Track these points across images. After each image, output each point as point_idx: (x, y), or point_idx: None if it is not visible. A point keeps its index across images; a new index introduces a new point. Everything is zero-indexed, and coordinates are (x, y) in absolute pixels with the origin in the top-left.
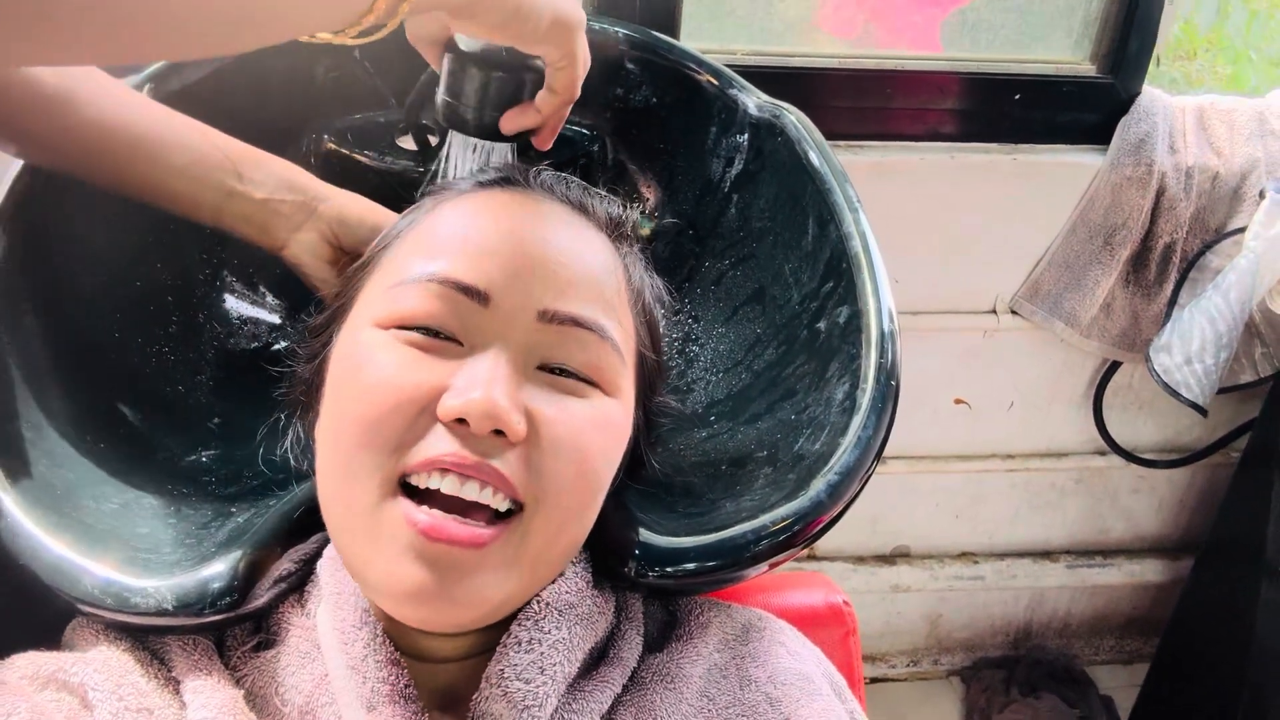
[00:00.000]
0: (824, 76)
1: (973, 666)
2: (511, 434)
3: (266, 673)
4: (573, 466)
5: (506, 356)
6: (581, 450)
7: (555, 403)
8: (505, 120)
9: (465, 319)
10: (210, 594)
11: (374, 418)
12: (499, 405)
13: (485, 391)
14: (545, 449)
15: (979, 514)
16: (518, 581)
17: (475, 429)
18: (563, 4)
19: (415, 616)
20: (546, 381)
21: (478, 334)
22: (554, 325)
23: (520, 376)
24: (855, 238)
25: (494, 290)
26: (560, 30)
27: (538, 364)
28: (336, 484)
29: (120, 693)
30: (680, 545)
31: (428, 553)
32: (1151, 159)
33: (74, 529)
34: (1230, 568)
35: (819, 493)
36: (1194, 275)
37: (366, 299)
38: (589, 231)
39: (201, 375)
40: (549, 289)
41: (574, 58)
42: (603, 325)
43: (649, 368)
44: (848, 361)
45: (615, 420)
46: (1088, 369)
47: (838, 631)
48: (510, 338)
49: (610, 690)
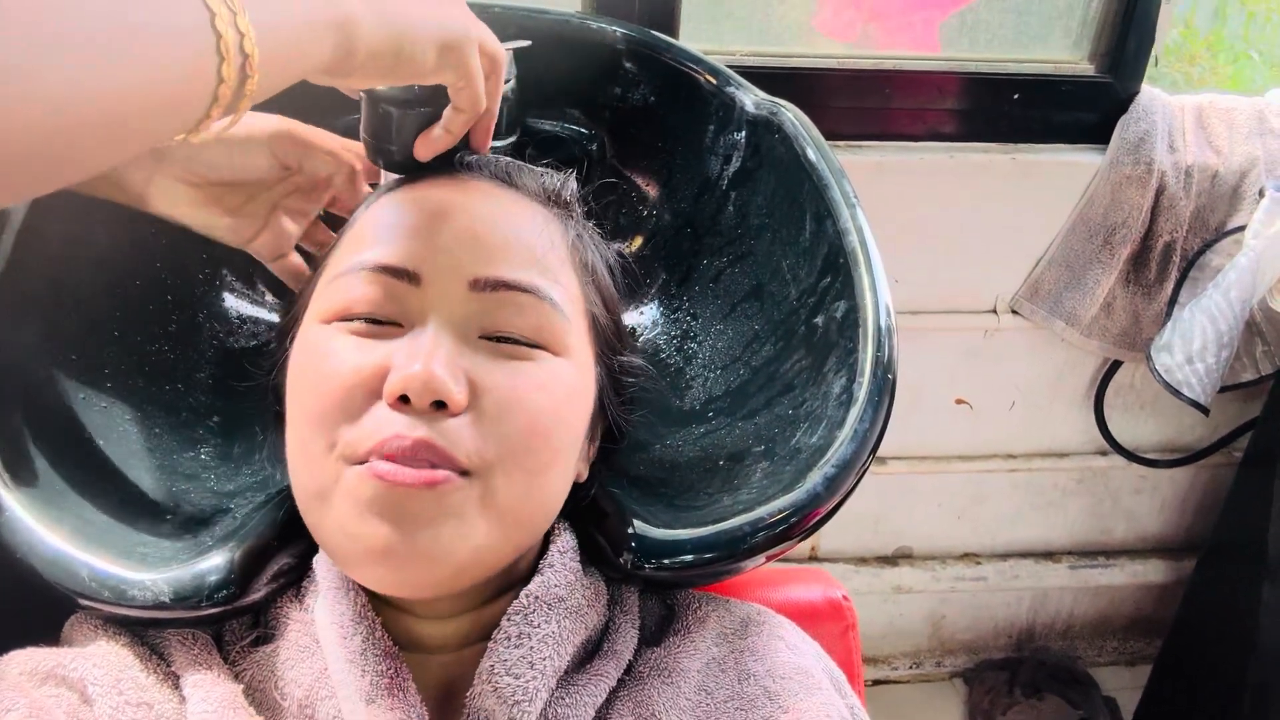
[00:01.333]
0: (823, 77)
1: (975, 668)
2: (451, 404)
3: (265, 667)
4: (521, 428)
5: (445, 330)
6: (529, 411)
7: (499, 368)
8: (418, 148)
9: (400, 301)
10: (207, 587)
11: (325, 405)
12: (436, 376)
13: (424, 364)
14: (490, 414)
15: (981, 514)
16: (485, 534)
17: (416, 403)
18: (447, 26)
19: (388, 579)
20: (490, 349)
21: (414, 313)
22: (487, 293)
23: (461, 347)
24: (852, 233)
25: (422, 268)
26: (449, 55)
27: (479, 333)
28: (300, 470)
29: (120, 687)
30: (677, 537)
31: (387, 505)
32: (1151, 158)
33: (72, 523)
34: (1233, 568)
35: (816, 485)
36: (1194, 274)
37: (313, 299)
38: (519, 202)
39: (201, 373)
40: (477, 258)
41: (471, 76)
42: (538, 285)
43: (604, 327)
44: (845, 356)
45: (564, 379)
46: (1089, 368)
47: (837, 626)
48: (446, 311)
49: (604, 684)
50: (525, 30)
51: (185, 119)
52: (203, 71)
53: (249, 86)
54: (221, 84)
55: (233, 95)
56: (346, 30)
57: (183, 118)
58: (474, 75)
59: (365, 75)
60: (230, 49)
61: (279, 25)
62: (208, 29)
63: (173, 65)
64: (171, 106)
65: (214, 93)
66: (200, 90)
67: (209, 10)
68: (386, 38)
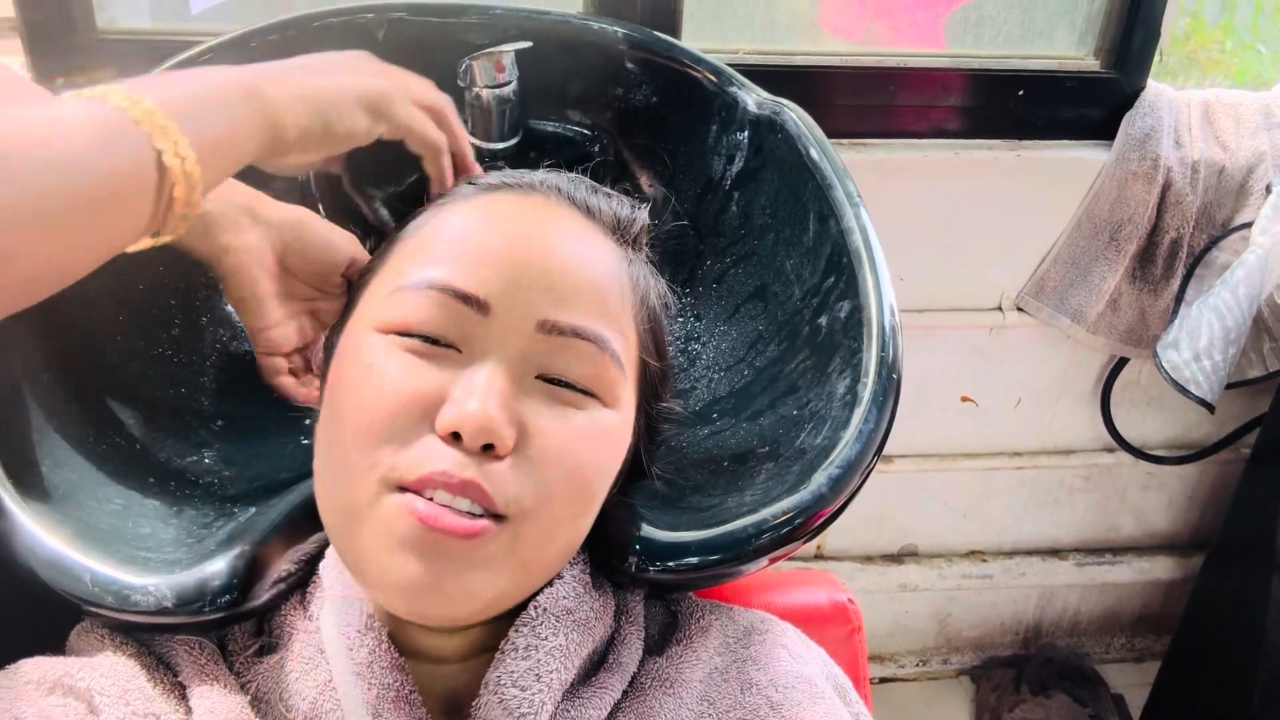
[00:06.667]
0: (827, 74)
1: (982, 666)
2: (501, 447)
3: (271, 678)
4: (563, 477)
5: (504, 367)
6: (573, 461)
7: (550, 414)
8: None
9: (464, 327)
10: (210, 591)
11: (372, 422)
12: (493, 418)
13: (480, 404)
14: (535, 459)
15: (987, 512)
16: (509, 581)
17: (469, 443)
18: (366, 88)
19: (409, 610)
20: (544, 391)
21: (477, 343)
22: (554, 336)
23: (517, 386)
24: (856, 232)
25: (493, 299)
26: (377, 114)
27: (536, 374)
28: (334, 482)
29: (127, 698)
30: (681, 539)
31: (422, 544)
32: (1157, 153)
33: (75, 528)
34: (1241, 564)
35: (820, 486)
36: (1200, 271)
37: (369, 301)
38: (594, 236)
39: (204, 378)
40: (550, 299)
41: (407, 127)
42: (603, 336)
43: (652, 374)
44: (849, 356)
45: (611, 431)
46: (1095, 365)
47: (843, 629)
48: (509, 348)
49: (609, 696)
50: (526, 31)
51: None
52: (148, 201)
53: (194, 196)
54: (172, 203)
55: (181, 206)
56: (270, 118)
57: (128, 240)
58: (410, 124)
59: (303, 152)
60: (177, 176)
61: (214, 136)
62: (152, 168)
63: (126, 208)
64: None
65: (162, 214)
66: (149, 214)
67: (155, 150)
68: (309, 114)
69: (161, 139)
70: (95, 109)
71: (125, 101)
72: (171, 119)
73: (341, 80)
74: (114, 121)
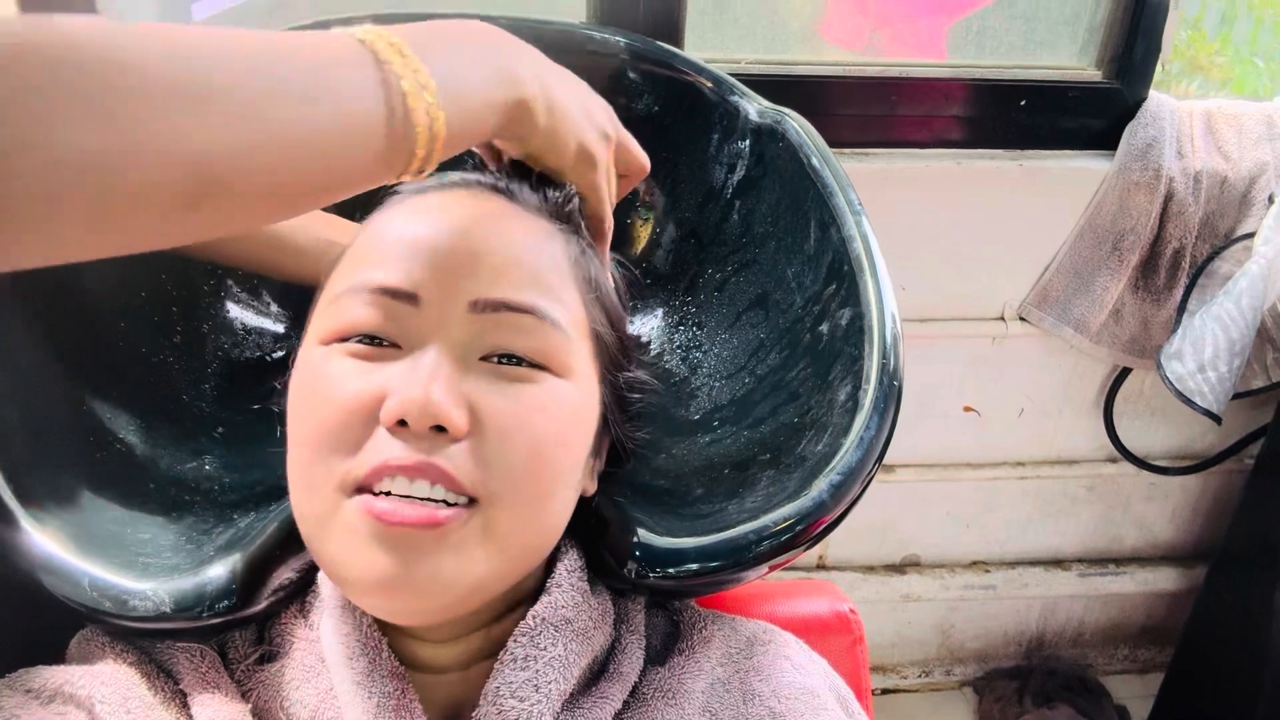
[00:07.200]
0: (829, 84)
1: (985, 677)
2: (452, 428)
3: (271, 686)
4: (523, 454)
5: (444, 352)
6: (532, 435)
7: (500, 392)
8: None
9: (400, 322)
10: (208, 597)
11: (322, 434)
12: (434, 400)
13: (422, 389)
14: (492, 439)
15: (990, 522)
16: (486, 567)
17: (415, 428)
18: (582, 131)
19: (386, 606)
20: (491, 371)
21: (414, 335)
22: (488, 314)
23: (462, 370)
24: (857, 240)
25: (421, 289)
26: (580, 163)
27: (480, 355)
28: (300, 498)
29: (128, 705)
30: (681, 546)
31: (387, 538)
32: (1159, 164)
33: (75, 534)
34: (1245, 575)
35: (821, 493)
36: (1203, 281)
37: (314, 318)
38: (520, 216)
39: (206, 385)
40: (477, 279)
41: (595, 192)
42: (539, 306)
43: (609, 344)
44: (850, 363)
45: (567, 401)
46: (1098, 375)
47: (845, 640)
48: (446, 334)
49: (609, 706)
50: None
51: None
52: (399, 153)
53: (434, 157)
54: (412, 159)
55: (419, 166)
56: (520, 97)
57: (373, 183)
58: (596, 194)
59: (506, 142)
60: (423, 133)
61: (463, 94)
62: (406, 120)
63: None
64: (365, 178)
65: (404, 166)
66: (392, 164)
67: (406, 105)
68: (546, 118)
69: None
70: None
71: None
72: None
73: (579, 114)
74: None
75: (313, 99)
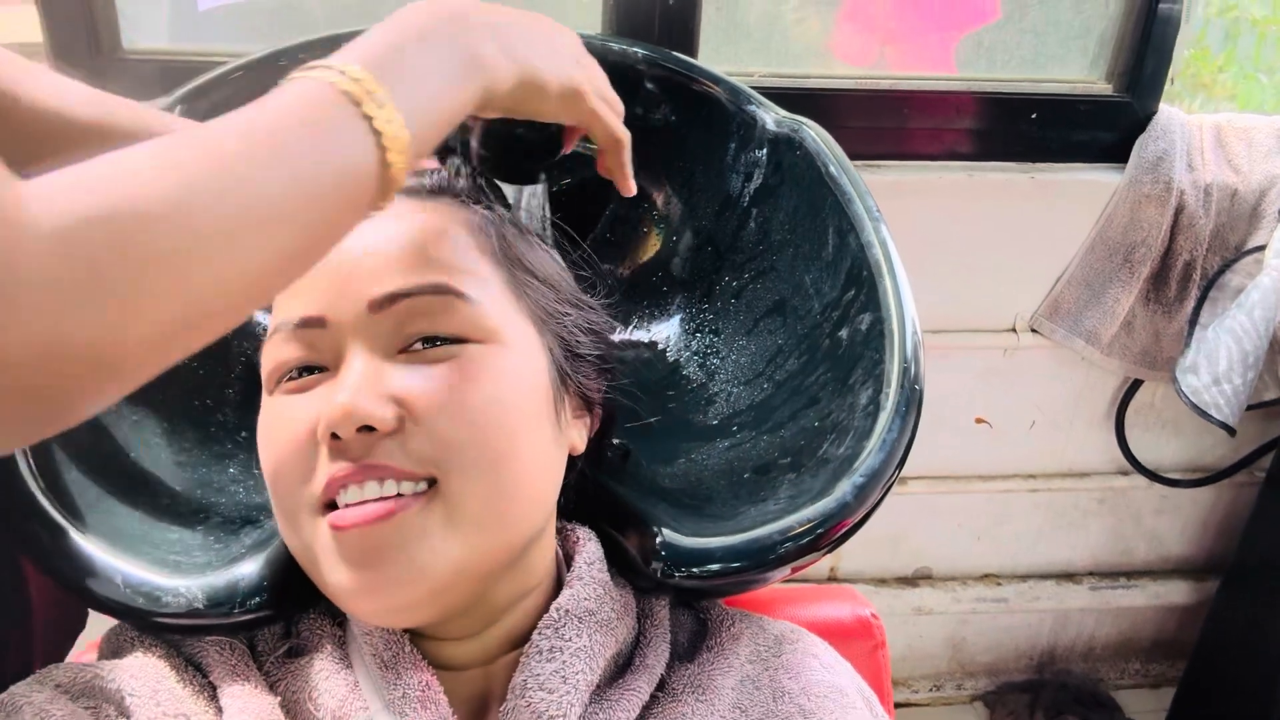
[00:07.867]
0: (840, 97)
1: (996, 690)
2: (379, 424)
3: (300, 679)
4: (461, 423)
5: (363, 358)
6: (463, 404)
7: (423, 374)
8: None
9: (318, 348)
10: (240, 593)
11: (282, 474)
12: (351, 404)
13: (341, 400)
14: (427, 418)
15: (1001, 535)
16: (463, 544)
17: (346, 436)
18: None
19: (374, 609)
20: (412, 359)
21: (332, 354)
22: (387, 309)
23: (382, 369)
24: (876, 246)
25: (325, 310)
26: (568, 105)
27: (399, 348)
28: (286, 532)
29: (157, 698)
30: (706, 545)
31: (351, 544)
32: (1170, 176)
33: (106, 534)
34: (1257, 588)
35: (845, 494)
36: (1214, 293)
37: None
38: (402, 207)
39: (230, 389)
40: (369, 280)
41: (592, 121)
42: (436, 283)
43: (539, 296)
44: (871, 367)
45: (492, 362)
46: (1109, 387)
47: (866, 645)
48: (359, 341)
49: (637, 699)
50: None
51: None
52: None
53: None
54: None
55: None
56: (485, 85)
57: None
58: (597, 118)
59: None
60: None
61: (430, 109)
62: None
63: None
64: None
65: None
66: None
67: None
68: (516, 84)
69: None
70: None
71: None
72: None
73: (549, 61)
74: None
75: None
